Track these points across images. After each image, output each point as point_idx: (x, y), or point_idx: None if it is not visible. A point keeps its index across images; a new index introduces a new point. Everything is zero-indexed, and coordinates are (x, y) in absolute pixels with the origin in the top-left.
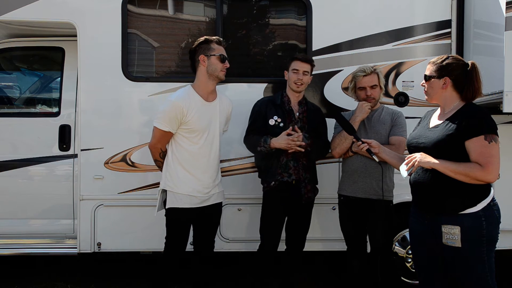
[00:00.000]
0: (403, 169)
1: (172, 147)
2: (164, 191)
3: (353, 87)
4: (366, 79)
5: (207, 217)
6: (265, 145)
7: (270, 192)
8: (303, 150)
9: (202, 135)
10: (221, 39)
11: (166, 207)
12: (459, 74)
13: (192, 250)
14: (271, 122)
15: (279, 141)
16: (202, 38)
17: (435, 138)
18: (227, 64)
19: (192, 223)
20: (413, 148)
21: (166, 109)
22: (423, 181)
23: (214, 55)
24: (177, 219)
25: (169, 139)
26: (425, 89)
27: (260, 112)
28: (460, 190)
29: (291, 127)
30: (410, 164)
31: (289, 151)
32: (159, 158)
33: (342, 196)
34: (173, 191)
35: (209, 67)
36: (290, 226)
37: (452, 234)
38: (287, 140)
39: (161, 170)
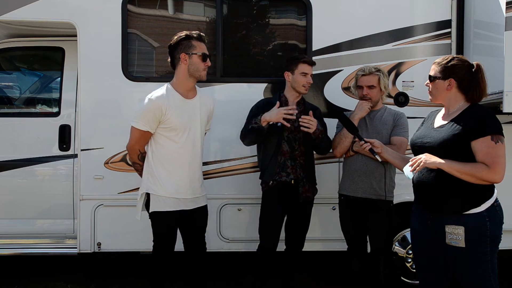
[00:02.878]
0: (408, 170)
1: (152, 147)
2: (146, 194)
3: (355, 85)
4: (364, 78)
5: (193, 221)
6: (256, 121)
7: (269, 192)
8: (294, 118)
9: (183, 133)
10: (202, 34)
11: (150, 211)
12: (464, 76)
13: (183, 250)
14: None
15: (270, 114)
16: (182, 34)
17: (441, 137)
18: (209, 63)
19: (179, 227)
20: (418, 148)
21: (144, 108)
22: (427, 181)
23: (195, 53)
24: (163, 223)
25: (147, 139)
26: (429, 89)
27: (257, 113)
28: (464, 190)
29: (278, 103)
30: (415, 165)
31: (286, 124)
32: (138, 161)
33: (342, 195)
34: (157, 194)
35: (190, 66)
36: (289, 225)
37: (456, 234)
38: (280, 112)
39: (139, 174)
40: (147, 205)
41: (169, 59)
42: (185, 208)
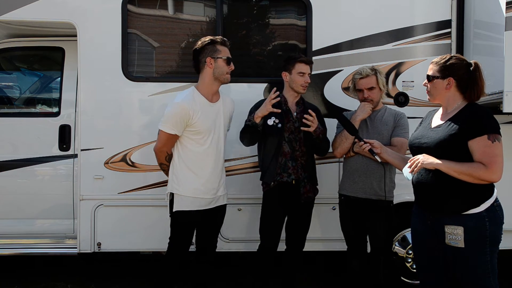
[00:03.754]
0: (407, 171)
1: (178, 149)
2: (172, 194)
3: (353, 88)
4: (363, 81)
5: (211, 219)
6: (250, 118)
7: (270, 192)
8: (278, 100)
9: (208, 136)
10: (225, 39)
11: (174, 210)
12: (462, 74)
13: (193, 250)
14: (269, 122)
15: (260, 108)
16: (207, 39)
17: (438, 138)
18: (232, 67)
19: (197, 226)
20: (416, 148)
21: (171, 111)
22: (426, 181)
23: (221, 57)
24: (184, 222)
25: (174, 142)
26: (428, 89)
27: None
28: (463, 191)
29: (275, 88)
30: (413, 166)
31: (285, 127)
32: (165, 162)
33: (342, 195)
34: (180, 194)
35: (216, 70)
36: (290, 225)
37: (455, 235)
38: (265, 103)
39: (166, 174)
40: (170, 204)
41: (192, 63)
42: (206, 208)
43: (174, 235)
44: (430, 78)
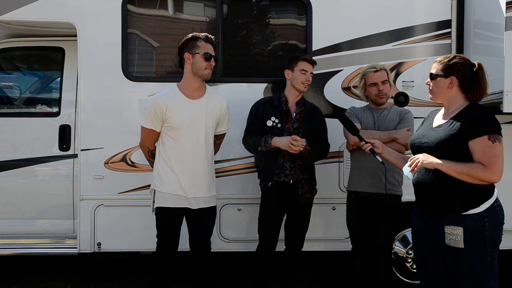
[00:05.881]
0: (407, 171)
1: (159, 146)
2: (154, 191)
3: (363, 85)
4: (377, 74)
5: (199, 220)
6: (266, 144)
7: (268, 192)
8: (301, 149)
9: (183, 132)
10: (210, 36)
11: (155, 206)
12: (465, 74)
13: (188, 250)
14: (269, 123)
15: (282, 142)
16: (189, 35)
17: (438, 137)
18: (213, 63)
19: (187, 225)
20: (416, 148)
21: (148, 107)
22: (426, 181)
23: (198, 53)
24: (164, 219)
25: (155, 137)
26: (430, 88)
27: (257, 113)
28: (463, 191)
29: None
30: (413, 165)
31: (290, 151)
32: (149, 157)
33: (352, 193)
34: (160, 190)
35: (193, 65)
36: (288, 226)
37: (455, 235)
38: (288, 142)
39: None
40: (153, 202)
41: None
42: (188, 206)
43: (159, 233)
44: (432, 76)
